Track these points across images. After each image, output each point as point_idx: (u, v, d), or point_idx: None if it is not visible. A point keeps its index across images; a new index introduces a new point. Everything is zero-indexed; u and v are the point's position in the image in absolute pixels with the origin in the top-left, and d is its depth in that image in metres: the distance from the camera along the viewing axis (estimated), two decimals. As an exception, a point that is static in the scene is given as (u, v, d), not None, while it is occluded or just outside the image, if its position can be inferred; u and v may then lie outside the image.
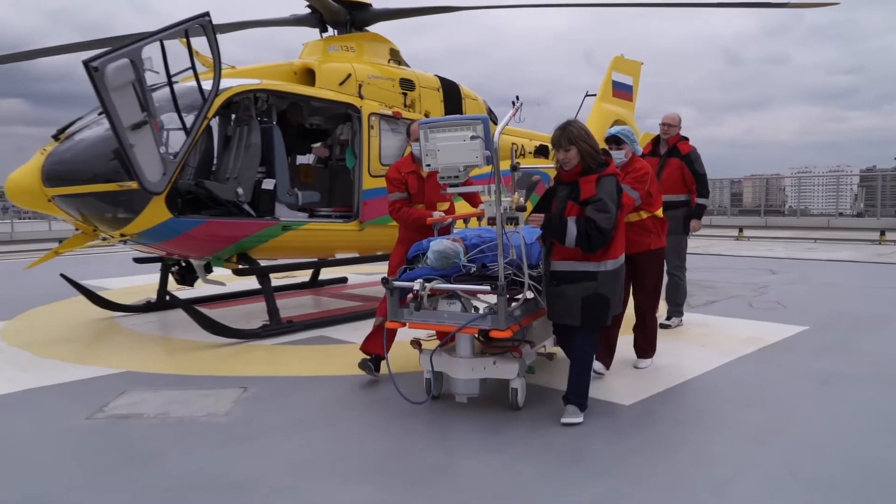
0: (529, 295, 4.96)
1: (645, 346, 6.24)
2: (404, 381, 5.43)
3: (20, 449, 4.61)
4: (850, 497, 3.65)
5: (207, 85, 7.32)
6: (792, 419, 4.88)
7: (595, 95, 15.39)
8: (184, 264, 8.83)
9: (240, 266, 7.98)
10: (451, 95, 10.33)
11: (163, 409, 5.27)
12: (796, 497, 3.66)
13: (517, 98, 5.48)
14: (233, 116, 8.23)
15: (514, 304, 5.00)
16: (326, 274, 11.91)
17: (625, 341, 6.16)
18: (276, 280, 10.13)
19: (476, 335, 5.31)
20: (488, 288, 4.72)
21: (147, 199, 7.05)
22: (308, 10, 9.80)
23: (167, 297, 7.78)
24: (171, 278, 9.20)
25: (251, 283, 9.55)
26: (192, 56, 7.28)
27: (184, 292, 9.63)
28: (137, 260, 9.16)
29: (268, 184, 8.21)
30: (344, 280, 12.16)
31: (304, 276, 11.59)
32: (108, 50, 6.49)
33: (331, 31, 10.02)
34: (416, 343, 5.46)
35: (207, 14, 7.18)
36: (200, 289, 9.58)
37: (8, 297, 10.86)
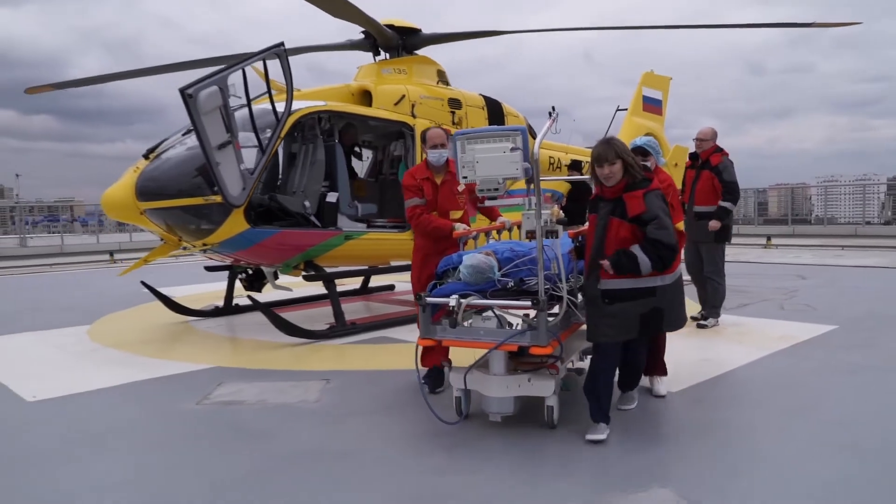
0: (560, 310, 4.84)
1: (653, 365, 5.73)
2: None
3: (150, 428, 5.33)
4: (875, 460, 4.23)
5: (279, 107, 8.07)
6: (822, 401, 5.49)
7: (626, 110, 15.99)
8: (250, 272, 9.56)
9: (308, 273, 8.68)
10: (495, 112, 11.02)
11: (260, 397, 5.97)
12: (827, 460, 4.26)
13: (553, 109, 5.17)
14: (300, 135, 8.94)
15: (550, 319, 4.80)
16: (374, 282, 12.59)
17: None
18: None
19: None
20: (529, 303, 4.57)
21: (228, 212, 7.78)
22: (362, 36, 10.53)
23: (251, 301, 8.49)
24: (233, 285, 9.99)
25: (306, 290, 10.30)
26: (268, 81, 8.02)
27: (237, 298, 10.36)
28: (208, 268, 9.92)
29: (332, 197, 8.92)
30: (391, 287, 12.83)
31: (354, 283, 12.26)
32: (200, 78, 7.23)
33: (383, 55, 10.75)
34: (446, 361, 5.44)
35: (282, 44, 7.94)
36: (258, 295, 10.30)
37: (80, 305, 11.62)
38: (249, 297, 8.61)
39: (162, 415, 5.62)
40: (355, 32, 10.56)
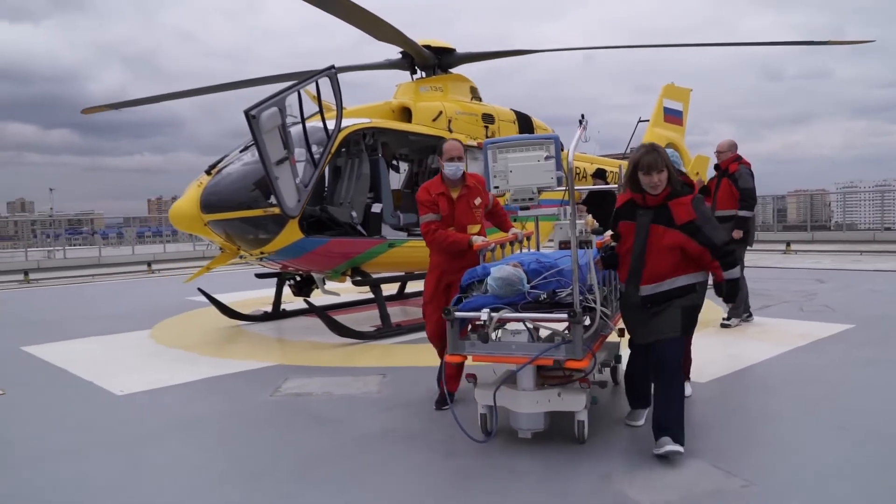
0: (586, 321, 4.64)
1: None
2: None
3: (233, 415, 5.97)
4: (890, 443, 4.76)
5: (329, 124, 8.73)
6: (840, 390, 6.05)
7: (647, 121, 16.56)
8: (298, 278, 10.22)
9: (356, 278, 9.32)
10: (525, 126, 11.65)
11: (326, 389, 6.59)
12: (846, 443, 4.79)
13: (582, 116, 5.01)
14: (347, 150, 9.59)
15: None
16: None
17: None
18: (368, 293, 11.53)
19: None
20: (565, 316, 4.45)
21: (284, 222, 8.43)
22: (400, 56, 11.19)
23: (307, 305, 9.16)
24: (281, 291, 10.65)
25: (344, 297, 10.93)
26: (319, 101, 8.70)
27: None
28: (259, 275, 10.59)
29: (376, 208, 9.57)
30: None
31: (390, 289, 12.86)
32: (262, 100, 7.88)
33: (419, 73, 11.40)
34: (471, 377, 5.12)
35: (334, 67, 8.61)
36: (298, 302, 10.94)
37: (132, 312, 12.30)
38: (306, 301, 9.25)
39: (242, 404, 6.25)
40: (373, 44, 11.18)
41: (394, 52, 11.10)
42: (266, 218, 8.44)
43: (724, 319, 8.99)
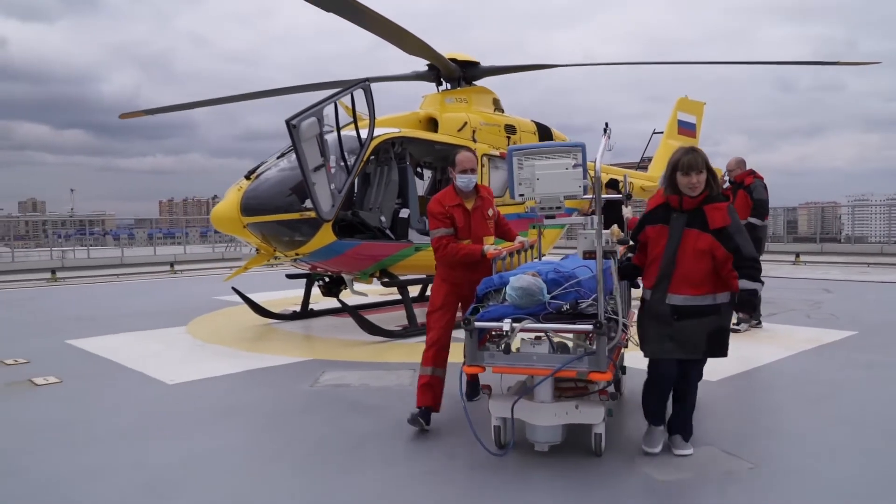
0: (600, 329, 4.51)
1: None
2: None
3: (279, 402, 6.48)
4: (887, 434, 5.22)
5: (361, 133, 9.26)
6: (841, 389, 6.52)
7: (662, 133, 17.05)
8: (327, 279, 10.73)
9: (384, 280, 9.82)
10: (545, 137, 12.17)
11: (362, 382, 7.10)
12: (844, 434, 5.26)
13: (606, 125, 4.88)
14: (376, 158, 10.10)
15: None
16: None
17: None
18: (393, 294, 12.11)
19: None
20: (591, 327, 4.37)
21: (319, 226, 8.94)
22: (426, 68, 11.70)
23: (340, 304, 9.69)
24: (310, 291, 11.19)
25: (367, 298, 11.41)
26: (354, 112, 9.22)
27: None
28: (290, 276, 11.12)
29: (404, 213, 10.08)
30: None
31: (413, 291, 13.35)
32: (301, 111, 8.39)
33: (444, 85, 11.91)
34: (486, 389, 5.08)
35: (367, 80, 9.13)
36: (323, 302, 11.45)
37: (164, 309, 12.83)
38: (339, 300, 9.77)
39: (285, 393, 6.76)
40: (384, 49, 11.71)
41: (407, 60, 11.62)
42: (302, 221, 8.95)
43: (733, 325, 9.43)
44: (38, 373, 7.61)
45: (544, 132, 12.17)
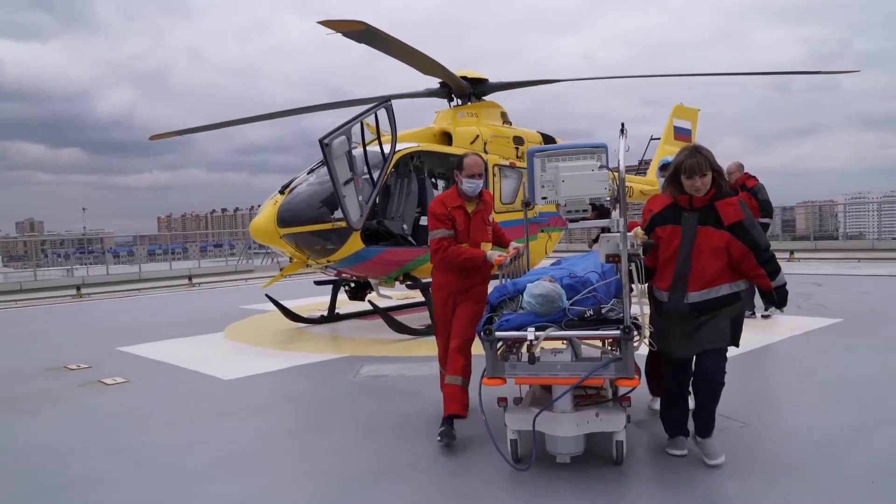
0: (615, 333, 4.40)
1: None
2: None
3: (327, 391, 7.36)
4: (863, 400, 6.09)
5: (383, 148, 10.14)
6: (825, 366, 7.43)
7: (659, 139, 17.95)
8: (353, 284, 11.58)
9: (408, 283, 10.69)
10: (550, 147, 13.02)
11: (399, 373, 7.95)
12: (829, 399, 6.17)
13: (623, 125, 4.73)
14: (398, 170, 10.96)
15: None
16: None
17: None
18: (413, 298, 13.00)
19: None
20: (618, 332, 4.27)
21: (348, 234, 9.80)
22: (439, 86, 12.58)
23: (371, 306, 10.55)
24: (335, 296, 12.06)
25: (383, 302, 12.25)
26: (378, 129, 10.09)
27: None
28: (318, 282, 11.98)
29: (424, 221, 10.94)
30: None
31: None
32: (332, 130, 9.23)
33: (455, 101, 12.78)
34: (502, 401, 4.89)
35: (390, 99, 10.02)
36: (349, 306, 12.30)
37: (195, 319, 13.63)
38: (370, 302, 10.63)
39: (330, 384, 7.63)
40: (382, 61, 12.65)
41: (402, 71, 12.44)
42: (333, 231, 9.81)
43: (763, 314, 10.27)
44: (104, 374, 8.41)
45: (549, 142, 13.04)
